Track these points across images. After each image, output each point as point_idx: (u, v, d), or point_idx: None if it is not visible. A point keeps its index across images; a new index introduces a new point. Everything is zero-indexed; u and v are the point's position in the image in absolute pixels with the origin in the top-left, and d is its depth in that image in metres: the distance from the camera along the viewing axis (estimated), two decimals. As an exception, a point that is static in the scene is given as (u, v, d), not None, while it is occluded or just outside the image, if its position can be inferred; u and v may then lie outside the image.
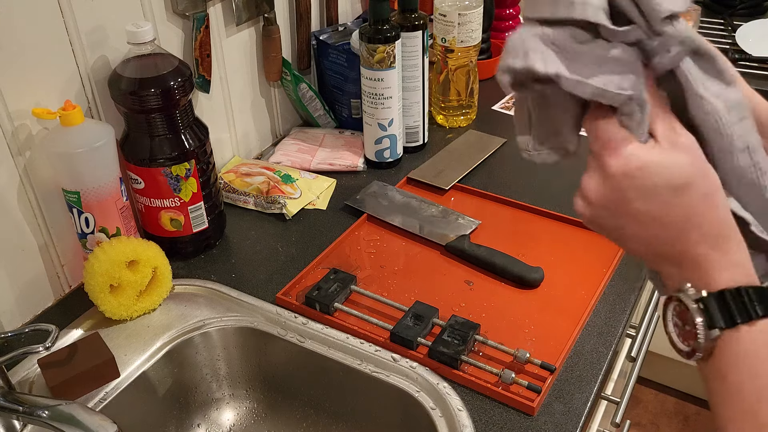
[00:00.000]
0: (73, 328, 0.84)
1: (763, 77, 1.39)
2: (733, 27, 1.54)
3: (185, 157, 0.87)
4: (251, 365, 0.87)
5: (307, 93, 1.17)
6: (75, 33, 0.82)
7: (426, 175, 1.10)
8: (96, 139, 0.79)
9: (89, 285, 0.81)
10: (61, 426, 0.61)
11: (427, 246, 0.96)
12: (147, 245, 0.83)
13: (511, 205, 1.03)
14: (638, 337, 0.95)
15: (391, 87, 1.06)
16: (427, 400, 0.74)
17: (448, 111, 1.25)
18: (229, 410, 0.89)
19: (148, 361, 0.80)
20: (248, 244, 0.98)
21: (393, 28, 1.03)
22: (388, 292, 0.88)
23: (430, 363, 0.77)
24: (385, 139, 1.11)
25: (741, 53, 1.42)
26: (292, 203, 1.03)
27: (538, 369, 0.76)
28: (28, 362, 0.79)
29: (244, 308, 0.86)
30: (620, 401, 0.89)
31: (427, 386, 0.75)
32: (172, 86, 0.83)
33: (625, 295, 0.87)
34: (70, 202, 0.82)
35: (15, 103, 0.78)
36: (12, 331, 0.72)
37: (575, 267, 0.91)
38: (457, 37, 1.16)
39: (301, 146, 1.17)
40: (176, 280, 0.90)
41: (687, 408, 1.92)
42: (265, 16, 1.08)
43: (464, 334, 0.78)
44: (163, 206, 0.90)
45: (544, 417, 0.72)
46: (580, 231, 0.98)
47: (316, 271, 0.92)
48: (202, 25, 0.96)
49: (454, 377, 0.76)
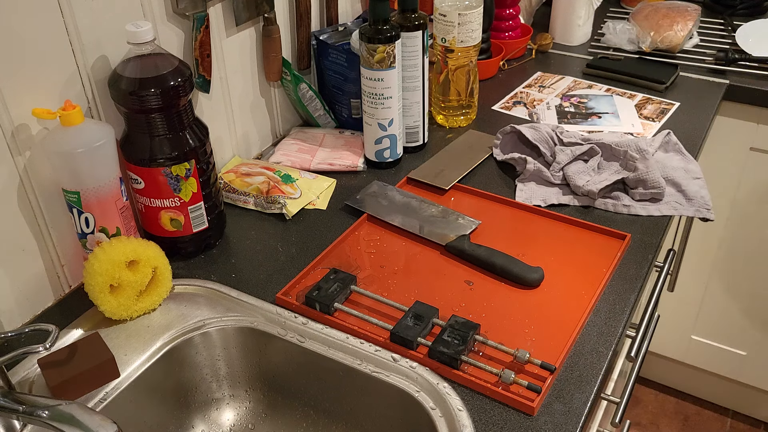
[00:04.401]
0: (73, 328, 0.84)
1: (763, 77, 1.39)
2: (733, 27, 1.54)
3: (185, 157, 0.87)
4: (251, 365, 0.87)
5: (307, 93, 1.17)
6: (75, 33, 0.82)
7: (426, 175, 1.10)
8: (96, 139, 0.79)
9: (89, 285, 0.81)
10: (61, 426, 0.61)
11: (427, 246, 0.96)
12: (147, 245, 0.83)
13: (511, 205, 1.04)
14: (638, 337, 0.95)
15: (391, 87, 1.06)
16: (427, 400, 0.74)
17: (448, 111, 1.25)
18: (229, 410, 0.89)
19: (148, 361, 0.80)
20: (248, 244, 0.98)
21: (393, 28, 1.03)
22: (388, 292, 0.88)
23: (430, 363, 0.77)
24: (385, 139, 1.11)
25: (741, 53, 1.42)
26: (292, 203, 1.03)
27: (538, 369, 0.76)
28: (28, 362, 0.79)
29: (244, 308, 0.86)
30: (620, 401, 0.89)
31: (427, 386, 0.75)
32: (172, 86, 0.83)
33: (625, 295, 0.87)
34: (70, 202, 0.82)
35: (15, 103, 0.78)
36: (12, 331, 0.72)
37: (575, 267, 0.91)
38: (457, 37, 1.15)
39: (301, 146, 1.17)
40: (176, 280, 0.90)
41: (687, 408, 1.92)
42: (265, 16, 1.08)
43: (464, 334, 0.78)
44: (163, 206, 0.90)
45: (544, 417, 0.72)
46: (580, 231, 0.98)
47: (316, 271, 0.92)
48: (202, 25, 0.96)
49: (454, 377, 0.76)
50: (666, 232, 0.99)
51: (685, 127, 1.24)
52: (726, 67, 1.42)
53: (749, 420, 1.87)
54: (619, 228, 0.98)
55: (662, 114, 1.28)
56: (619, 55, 1.48)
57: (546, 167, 1.09)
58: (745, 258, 1.60)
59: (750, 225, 1.55)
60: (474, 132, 1.23)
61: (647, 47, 1.46)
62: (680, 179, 1.06)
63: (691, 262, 1.66)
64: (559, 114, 1.29)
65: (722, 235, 1.60)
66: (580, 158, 1.09)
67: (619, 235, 0.96)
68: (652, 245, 0.95)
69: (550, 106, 1.31)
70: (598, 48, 1.54)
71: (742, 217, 1.55)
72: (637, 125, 1.24)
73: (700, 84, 1.38)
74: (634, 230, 0.97)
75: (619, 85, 1.38)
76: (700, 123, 1.25)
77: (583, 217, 1.01)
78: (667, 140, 1.15)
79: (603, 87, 1.38)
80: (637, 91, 1.36)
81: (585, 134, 1.13)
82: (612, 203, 1.02)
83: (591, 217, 1.01)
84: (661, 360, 1.90)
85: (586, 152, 1.09)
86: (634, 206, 1.02)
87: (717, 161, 1.50)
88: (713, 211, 1.03)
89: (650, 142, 1.11)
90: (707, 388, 1.90)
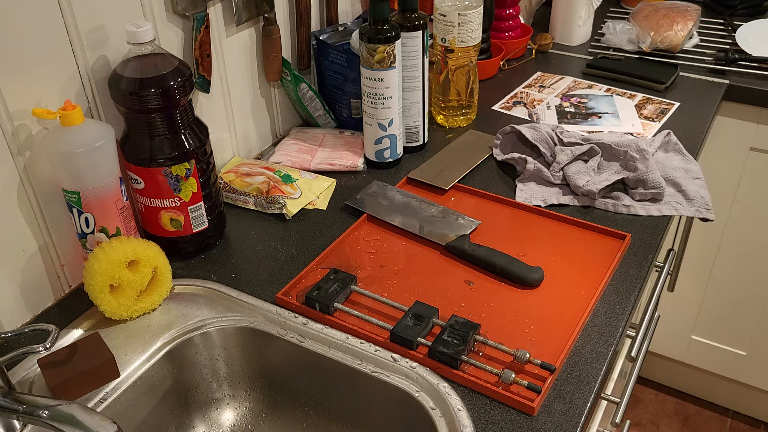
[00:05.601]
0: (73, 328, 0.84)
1: (763, 77, 1.39)
2: (733, 27, 1.54)
3: (185, 157, 0.87)
4: (251, 365, 0.87)
5: (307, 93, 1.17)
6: (75, 33, 0.82)
7: (426, 175, 1.10)
8: (96, 139, 0.79)
9: (89, 285, 0.81)
10: (61, 426, 0.61)
11: (427, 246, 0.96)
12: (147, 245, 0.83)
13: (511, 205, 1.04)
14: (638, 337, 0.95)
15: (391, 87, 1.06)
16: (427, 400, 0.74)
17: (448, 111, 1.25)
18: (229, 410, 0.89)
19: (148, 361, 0.80)
20: (248, 244, 0.98)
21: (393, 28, 1.03)
22: (388, 292, 0.88)
23: (430, 363, 0.77)
24: (385, 139, 1.11)
25: (741, 53, 1.42)
26: (292, 203, 1.03)
27: (538, 369, 0.76)
28: (28, 362, 0.79)
29: (244, 308, 0.86)
30: (620, 401, 0.89)
31: (427, 386, 0.75)
32: (172, 86, 0.83)
33: (625, 295, 0.87)
34: (70, 202, 0.82)
35: (15, 103, 0.78)
36: (12, 331, 0.72)
37: (575, 267, 0.91)
38: (457, 37, 1.15)
39: (301, 146, 1.17)
40: (176, 280, 0.90)
41: (687, 408, 1.92)
42: (265, 16, 1.08)
43: (464, 334, 0.78)
44: (163, 206, 0.90)
45: (544, 417, 0.72)
46: (580, 231, 0.98)
47: (316, 271, 0.92)
48: (202, 25, 0.96)
49: (454, 377, 0.76)
50: (666, 232, 1.00)
51: (685, 127, 1.24)
52: (726, 67, 1.42)
53: (749, 420, 1.87)
54: (619, 228, 0.98)
55: (662, 114, 1.28)
56: (619, 55, 1.48)
57: (546, 167, 1.09)
58: (745, 258, 1.60)
59: (750, 225, 1.55)
60: (474, 132, 1.23)
61: (647, 47, 1.46)
62: (680, 179, 1.06)
63: (691, 262, 1.66)
64: (559, 114, 1.29)
65: (722, 235, 1.60)
66: (580, 158, 1.09)
67: (619, 235, 0.96)
68: (652, 245, 0.95)
69: (550, 106, 1.31)
70: (598, 48, 1.54)
71: (742, 217, 1.55)
72: (637, 125, 1.24)
73: (700, 84, 1.38)
74: (634, 230, 0.98)
75: (619, 85, 1.38)
76: (700, 123, 1.25)
77: (583, 217, 1.01)
78: (667, 140, 1.15)
79: (603, 87, 1.38)
80: (637, 91, 1.36)
81: (585, 134, 1.13)
82: (612, 203, 1.02)
83: (591, 217, 1.01)
84: (661, 360, 1.90)
85: (586, 152, 1.09)
86: (634, 206, 1.02)
87: (717, 161, 1.50)
88: (713, 211, 1.03)
89: (650, 142, 1.11)
90: (707, 388, 1.90)
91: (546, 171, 1.07)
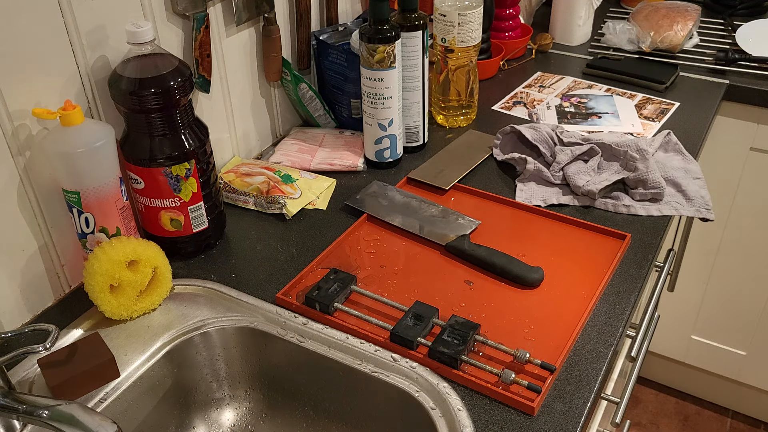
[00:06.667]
0: (73, 328, 0.84)
1: (763, 77, 1.39)
2: (733, 27, 1.54)
3: (185, 157, 0.87)
4: (251, 365, 0.87)
5: (307, 93, 1.17)
6: (75, 33, 0.82)
7: (426, 175, 1.10)
8: (96, 139, 0.79)
9: (89, 285, 0.81)
10: (61, 426, 0.61)
11: (427, 246, 0.96)
12: (147, 245, 0.83)
13: (511, 205, 1.04)
14: (638, 337, 0.95)
15: (391, 87, 1.06)
16: (427, 400, 0.74)
17: (448, 111, 1.25)
18: (229, 410, 0.89)
19: (148, 361, 0.80)
20: (248, 244, 0.98)
21: (393, 28, 1.03)
22: (388, 292, 0.88)
23: (430, 363, 0.77)
24: (385, 139, 1.11)
25: (741, 53, 1.42)
26: (292, 203, 1.03)
27: (538, 369, 0.76)
28: (28, 362, 0.79)
29: (244, 308, 0.86)
30: (620, 401, 0.89)
31: (427, 386, 0.75)
32: (172, 86, 0.83)
33: (625, 295, 0.87)
34: (70, 202, 0.82)
35: (15, 103, 0.78)
36: (12, 331, 0.72)
37: (575, 267, 0.91)
38: (457, 37, 1.15)
39: (301, 146, 1.17)
40: (176, 280, 0.90)
41: (687, 408, 1.92)
42: (265, 16, 1.08)
43: (464, 334, 0.78)
44: (163, 206, 0.90)
45: (544, 417, 0.72)
46: (580, 231, 0.98)
47: (316, 271, 0.92)
48: (202, 25, 0.96)
49: (454, 377, 0.76)
50: (666, 232, 1.00)
51: (685, 127, 1.24)
52: (726, 67, 1.42)
53: (749, 420, 1.87)
54: (619, 228, 0.98)
55: (662, 114, 1.28)
56: (619, 55, 1.48)
57: (546, 167, 1.09)
58: (745, 258, 1.60)
59: (750, 225, 1.55)
60: (474, 132, 1.23)
61: (647, 47, 1.46)
62: (680, 179, 1.06)
63: (691, 262, 1.66)
64: (559, 114, 1.29)
65: (722, 235, 1.60)
66: (580, 158, 1.09)
67: (619, 235, 0.96)
68: (652, 245, 0.95)
69: (550, 106, 1.31)
70: (598, 48, 1.54)
71: (742, 217, 1.55)
72: (637, 125, 1.24)
73: (700, 84, 1.38)
74: (634, 230, 0.98)
75: (619, 85, 1.38)
76: (700, 123, 1.25)
77: (583, 217, 1.01)
78: (667, 140, 1.15)
79: (603, 87, 1.38)
80: (637, 91, 1.36)
81: (585, 134, 1.13)
82: (612, 203, 1.02)
83: (591, 217, 1.01)
84: (661, 360, 1.90)
85: (586, 152, 1.09)
86: (634, 206, 1.02)
87: (717, 161, 1.50)
88: (713, 211, 1.03)
89: (650, 142, 1.11)
90: (707, 388, 1.90)
91: (546, 171, 1.07)
